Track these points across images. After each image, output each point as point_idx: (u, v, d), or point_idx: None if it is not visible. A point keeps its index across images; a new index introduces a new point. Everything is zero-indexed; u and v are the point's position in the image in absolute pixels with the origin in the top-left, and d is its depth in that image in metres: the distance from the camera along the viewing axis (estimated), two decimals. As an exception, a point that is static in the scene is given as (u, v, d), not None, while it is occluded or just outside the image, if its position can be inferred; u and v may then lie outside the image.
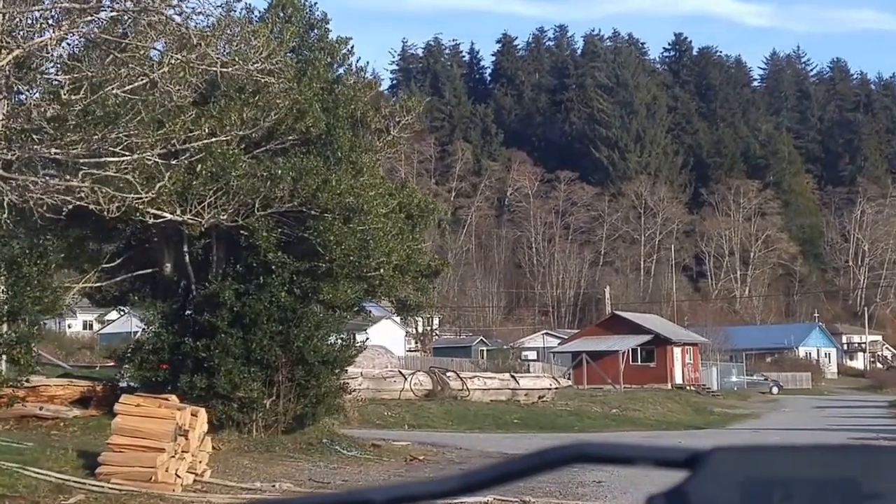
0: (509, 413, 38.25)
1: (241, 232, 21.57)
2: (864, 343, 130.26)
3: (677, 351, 75.91)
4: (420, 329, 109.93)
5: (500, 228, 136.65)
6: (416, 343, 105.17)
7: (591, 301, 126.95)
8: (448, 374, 42.06)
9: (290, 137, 21.68)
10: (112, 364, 33.13)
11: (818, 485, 1.07)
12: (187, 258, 22.77)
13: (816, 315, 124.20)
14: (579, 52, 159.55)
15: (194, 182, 19.02)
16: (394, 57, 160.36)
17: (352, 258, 21.81)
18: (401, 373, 40.58)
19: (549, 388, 42.48)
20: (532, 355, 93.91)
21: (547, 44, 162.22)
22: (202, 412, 17.37)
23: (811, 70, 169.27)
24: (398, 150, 24.91)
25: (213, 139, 18.90)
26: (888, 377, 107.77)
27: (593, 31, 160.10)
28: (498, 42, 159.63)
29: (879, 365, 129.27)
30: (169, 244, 23.08)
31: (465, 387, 41.06)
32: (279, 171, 20.15)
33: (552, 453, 1.14)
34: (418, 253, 24.83)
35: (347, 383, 25.28)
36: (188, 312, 22.94)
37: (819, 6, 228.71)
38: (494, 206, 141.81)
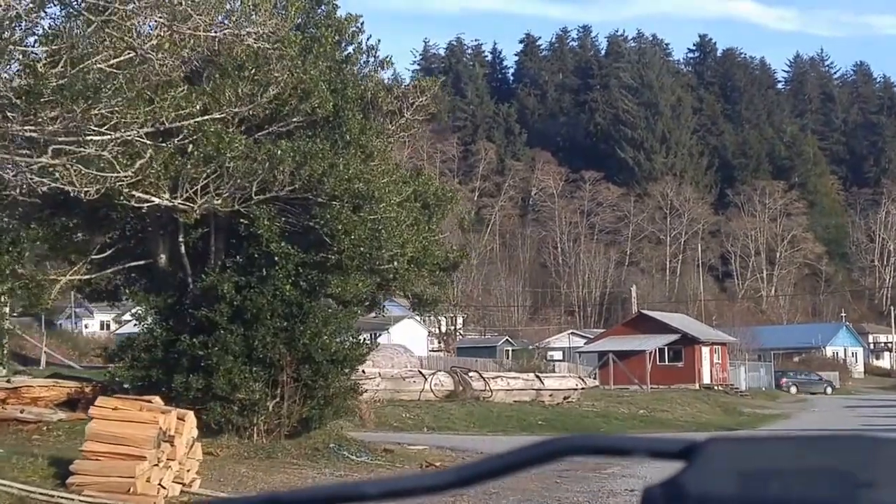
0: (534, 414, 36.20)
1: (241, 220, 19.60)
2: (891, 342, 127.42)
3: (705, 350, 73.65)
4: (443, 329, 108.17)
5: (524, 228, 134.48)
6: (440, 343, 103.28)
7: (616, 301, 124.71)
8: (470, 374, 40.01)
9: (295, 119, 19.67)
10: (100, 366, 31.12)
11: (813, 475, 1.07)
12: (183, 249, 20.78)
13: (843, 315, 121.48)
14: (603, 52, 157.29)
15: (187, 164, 17.04)
16: (415, 57, 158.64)
17: (362, 249, 19.80)
18: (421, 373, 38.56)
19: (575, 389, 40.34)
20: (558, 355, 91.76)
21: (570, 44, 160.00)
22: (190, 416, 15.38)
23: (835, 73, 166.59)
24: (412, 133, 22.74)
25: (207, 117, 16.91)
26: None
27: (617, 31, 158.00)
28: (521, 42, 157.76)
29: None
30: (164, 234, 21.13)
31: (487, 387, 39.02)
32: (279, 153, 18.14)
33: (548, 445, 1.13)
34: (435, 245, 22.75)
35: (359, 384, 23.21)
36: (185, 307, 20.91)
37: (842, 11, 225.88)
38: (518, 205, 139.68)
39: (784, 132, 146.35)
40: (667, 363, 73.38)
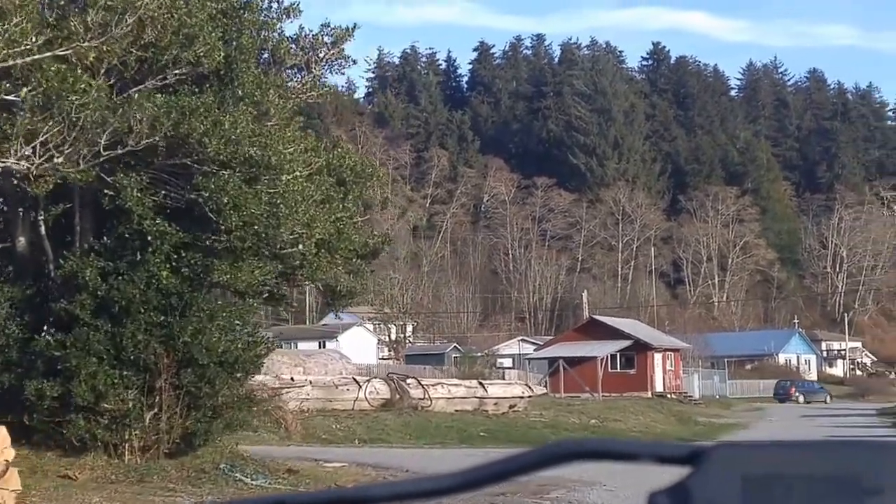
0: (475, 425, 32.50)
1: (107, 192, 15.78)
2: (844, 350, 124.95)
3: (658, 357, 70.35)
4: (393, 336, 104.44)
5: (475, 235, 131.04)
6: (390, 351, 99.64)
7: (568, 307, 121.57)
8: (408, 381, 36.27)
9: (177, 71, 15.91)
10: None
11: (819, 480, 1.04)
12: (43, 228, 16.92)
13: (796, 321, 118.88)
14: (557, 60, 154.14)
15: (19, 113, 13.25)
16: (369, 65, 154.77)
17: (256, 228, 16.06)
18: (355, 380, 34.78)
19: (522, 397, 36.61)
20: (508, 362, 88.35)
21: (524, 52, 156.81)
22: (2, 431, 11.55)
23: (788, 79, 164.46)
24: (322, 96, 18.90)
25: (48, 53, 13.14)
26: (871, 384, 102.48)
27: (570, 40, 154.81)
28: (475, 50, 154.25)
29: (859, 372, 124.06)
30: (23, 211, 17.26)
31: (426, 395, 35.30)
32: (149, 106, 14.37)
33: (553, 449, 1.11)
34: (352, 227, 18.95)
35: (257, 391, 19.37)
36: (45, 299, 17.03)
37: (794, 21, 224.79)
38: (470, 212, 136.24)
39: (737, 138, 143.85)
40: (619, 370, 70.11)
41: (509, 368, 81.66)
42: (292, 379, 33.17)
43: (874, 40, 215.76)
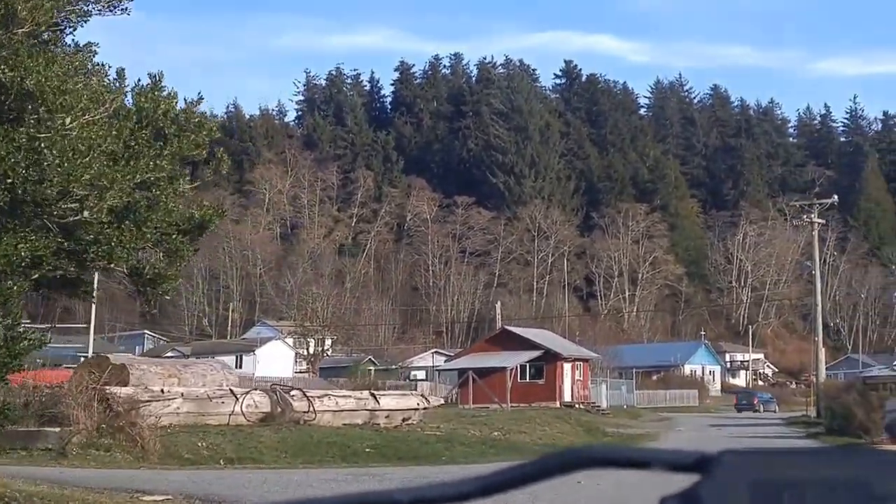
0: (362, 440, 28.51)
1: None
2: (748, 361, 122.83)
3: (567, 367, 66.87)
4: (311, 350, 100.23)
5: (398, 252, 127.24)
6: (308, 364, 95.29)
7: (484, 321, 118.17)
8: (292, 392, 32.23)
9: None
10: None
11: (828, 486, 1.00)
12: None
13: (703, 333, 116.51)
14: (474, 79, 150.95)
15: None
16: (298, 88, 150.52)
17: (12, 182, 12.04)
18: (232, 392, 30.69)
19: (416, 409, 32.64)
20: (421, 374, 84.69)
21: (443, 72, 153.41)
22: None
23: (694, 97, 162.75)
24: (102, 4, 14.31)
25: None
26: (773, 394, 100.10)
27: (485, 59, 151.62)
28: (396, 70, 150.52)
29: (761, 382, 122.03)
30: None
31: (311, 408, 31.30)
32: None
33: (566, 456, 1.09)
34: (172, 194, 14.77)
35: (10, 404, 15.16)
36: None
37: (696, 42, 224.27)
38: (394, 231, 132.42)
39: (647, 156, 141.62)
40: (528, 380, 66.59)
41: (422, 381, 77.98)
42: (162, 391, 29.04)
43: (772, 59, 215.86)
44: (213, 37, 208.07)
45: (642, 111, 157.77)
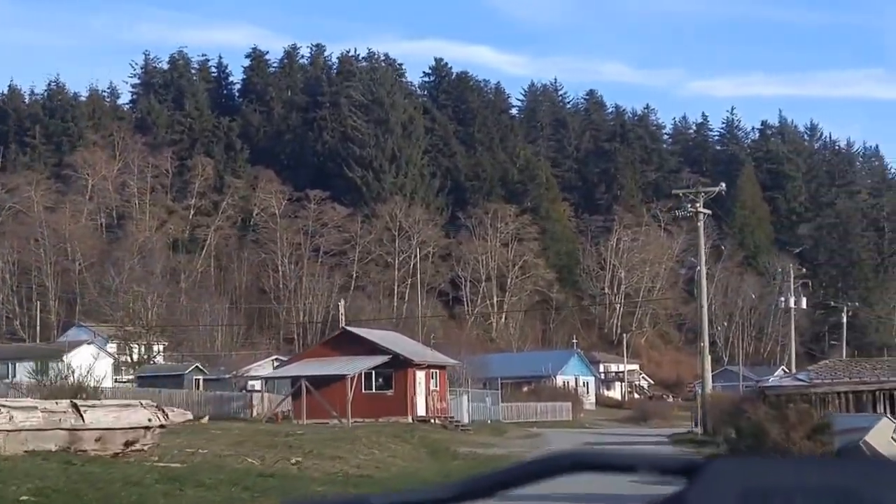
0: (24, 479, 16.88)
1: None
2: (623, 372, 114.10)
3: (420, 375, 56.28)
4: (135, 357, 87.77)
5: (242, 250, 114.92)
6: (133, 372, 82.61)
7: (339, 327, 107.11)
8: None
9: None
10: None
11: (817, 495, 0.99)
12: None
13: (575, 341, 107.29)
14: (335, 70, 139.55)
15: None
16: (135, 69, 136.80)
17: None
18: None
19: (149, 427, 21.00)
20: (259, 384, 72.90)
21: (301, 61, 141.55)
22: None
23: (568, 101, 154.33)
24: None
25: None
26: (651, 408, 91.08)
27: (349, 51, 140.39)
28: (248, 57, 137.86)
29: (637, 395, 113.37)
30: None
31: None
32: None
33: (551, 461, 1.07)
34: None
35: None
36: None
37: (572, 57, 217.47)
38: (237, 226, 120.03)
39: (517, 156, 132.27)
40: (374, 391, 55.85)
41: (257, 391, 66.47)
42: None
43: (649, 77, 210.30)
44: (64, 24, 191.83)
45: (513, 111, 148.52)
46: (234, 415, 57.53)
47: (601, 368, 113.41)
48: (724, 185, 62.44)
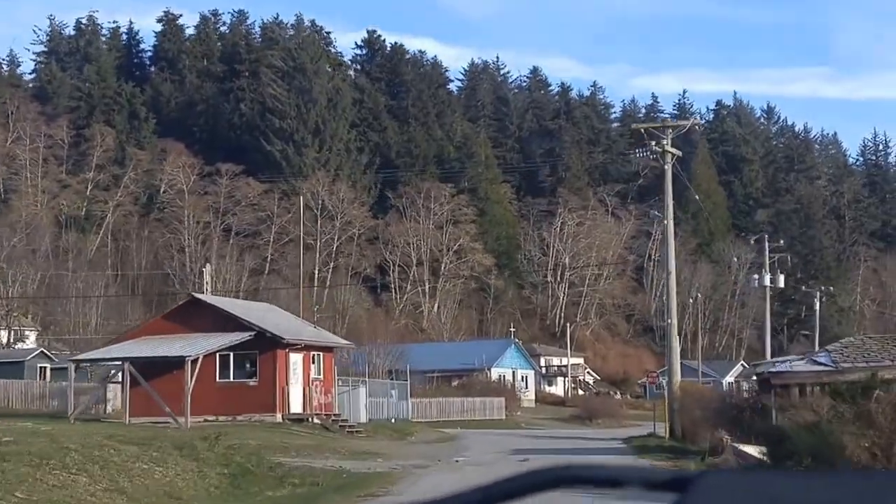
0: None
1: None
2: (566, 366, 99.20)
3: (296, 359, 40.79)
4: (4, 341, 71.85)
5: (143, 229, 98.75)
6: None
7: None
8: None
9: None
10: None
11: None
12: None
13: (512, 329, 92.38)
14: (258, 39, 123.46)
15: None
16: (38, 35, 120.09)
17: None
18: None
19: None
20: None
21: (220, 29, 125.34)
22: None
23: (510, 80, 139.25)
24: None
25: None
26: (598, 405, 76.12)
27: (275, 18, 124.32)
28: (160, 21, 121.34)
29: (581, 391, 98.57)
30: None
31: None
32: None
33: (544, 475, 1.03)
34: None
35: None
36: None
37: (518, 53, 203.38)
38: (140, 202, 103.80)
39: (454, 133, 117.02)
40: (232, 380, 40.33)
41: (117, 383, 50.64)
42: None
43: (597, 74, 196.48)
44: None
45: (451, 86, 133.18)
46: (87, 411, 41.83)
47: (542, 362, 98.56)
48: (698, 118, 47.61)
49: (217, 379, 39.29)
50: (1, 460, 17.23)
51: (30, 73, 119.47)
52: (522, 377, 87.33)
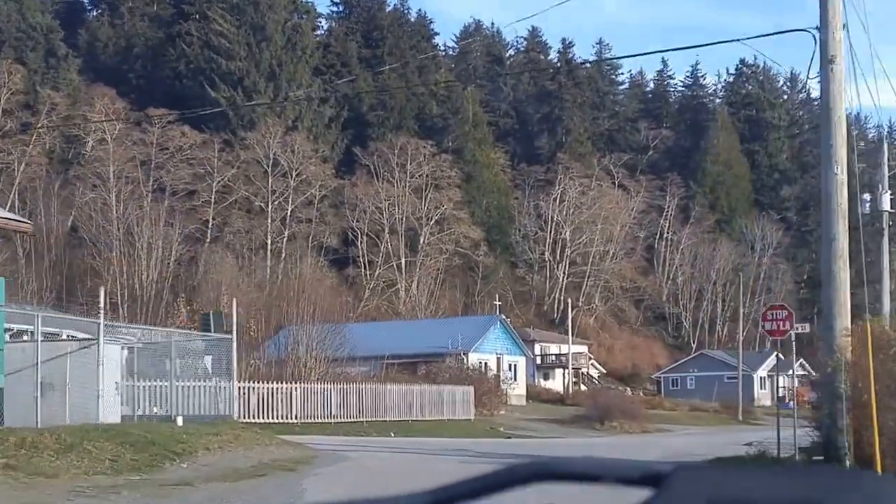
0: None
1: None
2: (566, 355, 76.81)
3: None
4: None
5: (56, 185, 76.58)
6: None
7: (184, 286, 69.50)
8: None
9: None
10: None
11: None
12: None
13: (498, 303, 70.15)
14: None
15: None
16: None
17: None
18: None
19: None
20: None
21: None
22: None
23: (506, 39, 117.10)
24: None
25: None
26: (611, 403, 53.41)
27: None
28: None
29: (584, 387, 76.33)
30: None
31: None
32: None
33: (519, 470, 1.00)
34: None
35: None
36: None
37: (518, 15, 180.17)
38: (56, 154, 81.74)
39: (438, 85, 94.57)
40: None
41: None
42: None
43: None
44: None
45: (436, 40, 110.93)
46: None
47: (537, 350, 76.36)
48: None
49: None
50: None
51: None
52: (510, 365, 64.97)
